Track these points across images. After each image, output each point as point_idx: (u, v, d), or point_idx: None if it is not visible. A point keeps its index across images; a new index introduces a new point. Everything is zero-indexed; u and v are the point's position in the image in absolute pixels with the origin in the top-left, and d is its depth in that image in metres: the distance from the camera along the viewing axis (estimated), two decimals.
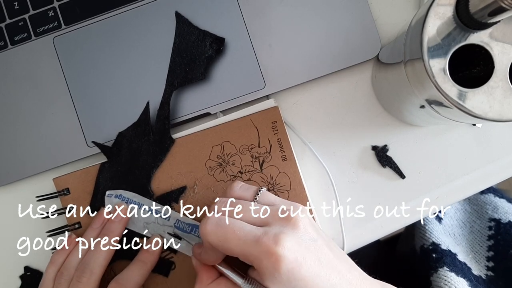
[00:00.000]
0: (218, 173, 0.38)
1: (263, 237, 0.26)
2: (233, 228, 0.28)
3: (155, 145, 0.38)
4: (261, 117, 0.37)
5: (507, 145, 0.38)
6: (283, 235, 0.26)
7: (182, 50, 0.38)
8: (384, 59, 0.35)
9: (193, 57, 0.38)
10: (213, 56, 0.38)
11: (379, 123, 0.39)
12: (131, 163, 0.38)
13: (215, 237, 0.28)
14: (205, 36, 0.38)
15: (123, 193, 0.38)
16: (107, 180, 0.38)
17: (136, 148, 0.38)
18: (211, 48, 0.38)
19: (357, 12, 0.38)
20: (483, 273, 0.45)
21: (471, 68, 0.27)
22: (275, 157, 0.37)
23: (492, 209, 0.48)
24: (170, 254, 0.38)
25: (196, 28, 0.38)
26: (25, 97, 0.40)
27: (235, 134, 0.38)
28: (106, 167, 0.38)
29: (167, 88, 0.38)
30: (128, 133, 0.38)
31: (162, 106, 0.38)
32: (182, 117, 0.38)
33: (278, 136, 0.37)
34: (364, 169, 0.39)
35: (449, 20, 0.24)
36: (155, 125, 0.38)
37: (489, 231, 0.47)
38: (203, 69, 0.37)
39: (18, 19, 0.40)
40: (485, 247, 0.46)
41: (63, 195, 0.38)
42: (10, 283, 0.40)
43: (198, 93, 0.38)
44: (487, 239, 0.47)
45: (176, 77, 0.38)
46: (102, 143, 0.38)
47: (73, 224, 0.38)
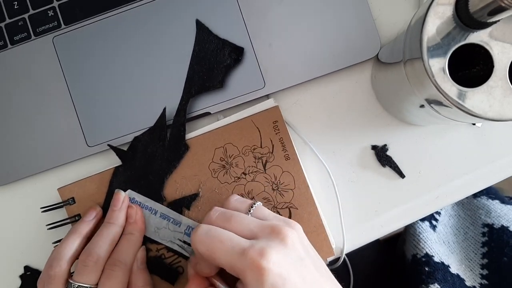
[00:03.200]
0: (222, 175, 0.38)
1: (249, 249, 0.26)
2: (221, 239, 0.27)
3: (170, 151, 0.38)
4: (262, 117, 0.37)
5: (507, 144, 0.38)
6: (270, 248, 0.26)
7: (201, 58, 0.38)
8: (384, 58, 0.35)
9: (212, 66, 0.38)
10: (231, 65, 0.38)
11: (379, 123, 0.39)
12: (145, 168, 0.38)
13: (203, 247, 0.28)
14: (224, 45, 0.38)
15: (136, 196, 0.38)
16: (121, 184, 0.38)
17: (150, 153, 0.38)
18: (230, 57, 0.38)
19: (357, 12, 0.38)
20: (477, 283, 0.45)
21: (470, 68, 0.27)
22: (278, 157, 0.37)
23: (485, 213, 0.48)
24: (178, 259, 0.37)
25: (216, 37, 0.38)
26: (24, 97, 0.40)
27: (237, 136, 0.38)
28: (120, 171, 0.38)
29: (184, 96, 0.38)
30: (144, 137, 0.38)
31: (178, 112, 0.38)
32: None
33: (280, 136, 0.37)
34: (364, 168, 0.39)
35: (449, 19, 0.24)
36: (171, 131, 0.38)
37: (483, 238, 0.47)
38: (221, 77, 0.37)
39: (18, 19, 0.40)
40: (479, 254, 0.46)
41: (68, 205, 0.38)
42: (10, 283, 0.40)
43: None
44: (481, 246, 0.47)
45: (194, 85, 0.38)
46: (116, 146, 0.38)
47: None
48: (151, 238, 0.37)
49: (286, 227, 0.28)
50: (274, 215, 0.32)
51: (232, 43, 0.38)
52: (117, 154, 0.38)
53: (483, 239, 0.47)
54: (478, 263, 0.46)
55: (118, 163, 0.38)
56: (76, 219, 0.38)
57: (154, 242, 0.37)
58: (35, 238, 0.40)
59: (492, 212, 0.47)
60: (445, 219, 0.50)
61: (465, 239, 0.48)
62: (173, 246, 0.37)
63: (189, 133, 0.38)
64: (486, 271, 0.45)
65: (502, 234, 0.45)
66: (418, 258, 0.46)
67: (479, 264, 0.46)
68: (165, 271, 0.37)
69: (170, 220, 0.37)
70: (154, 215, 0.37)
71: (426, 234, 0.48)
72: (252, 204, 0.32)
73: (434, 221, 0.51)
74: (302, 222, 0.36)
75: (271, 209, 0.37)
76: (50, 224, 0.38)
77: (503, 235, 0.45)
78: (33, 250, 0.40)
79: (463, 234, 0.49)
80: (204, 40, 0.38)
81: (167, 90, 0.38)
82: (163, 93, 0.38)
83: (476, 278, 0.45)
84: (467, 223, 0.49)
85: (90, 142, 0.39)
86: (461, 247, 0.48)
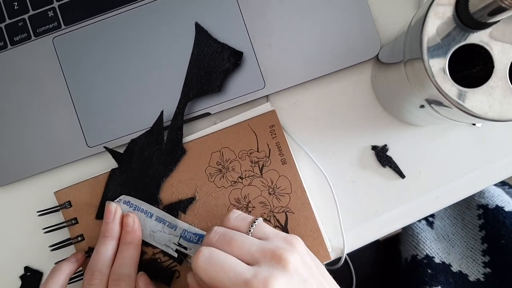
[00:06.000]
0: (218, 179, 0.37)
1: (252, 280, 0.26)
2: (223, 267, 0.28)
3: (167, 154, 0.38)
4: (259, 121, 0.37)
5: (507, 144, 0.38)
6: (273, 279, 0.26)
7: (200, 62, 0.38)
8: (384, 59, 0.35)
9: (210, 69, 0.37)
10: (230, 69, 0.37)
11: (379, 123, 0.39)
12: (141, 171, 0.38)
13: (206, 274, 0.28)
14: (223, 49, 0.38)
15: (131, 199, 0.37)
16: (117, 186, 0.38)
17: (147, 156, 0.38)
18: (229, 61, 0.37)
19: (357, 12, 0.38)
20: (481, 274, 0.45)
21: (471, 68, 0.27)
22: (275, 161, 0.37)
23: (479, 194, 0.48)
24: (173, 263, 0.37)
25: (215, 41, 0.38)
26: (24, 98, 0.40)
27: (234, 140, 0.37)
28: (116, 173, 0.38)
29: (182, 99, 0.38)
30: (141, 140, 0.38)
31: (176, 116, 0.38)
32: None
33: (277, 140, 0.37)
34: (364, 169, 0.39)
35: (449, 20, 0.24)
36: (168, 134, 0.38)
37: (479, 220, 0.47)
38: (219, 81, 0.37)
39: (18, 19, 0.40)
40: (479, 240, 0.46)
41: (65, 208, 0.38)
42: (10, 283, 0.40)
43: None
44: (479, 230, 0.46)
45: (192, 88, 0.38)
46: (112, 149, 0.38)
47: (76, 237, 0.38)
48: (146, 241, 0.37)
49: (287, 252, 0.29)
50: (275, 233, 0.31)
51: (231, 47, 0.38)
52: (113, 157, 0.38)
53: (479, 222, 0.47)
54: (479, 250, 0.46)
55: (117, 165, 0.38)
56: (73, 222, 0.38)
57: (150, 245, 0.37)
58: (36, 238, 0.40)
59: (486, 193, 0.48)
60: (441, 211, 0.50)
61: (464, 226, 0.48)
62: (168, 250, 0.37)
63: (186, 136, 0.38)
64: (488, 257, 0.45)
65: (497, 215, 0.45)
66: (419, 259, 0.46)
67: (480, 250, 0.46)
68: (161, 274, 0.37)
69: (166, 224, 0.37)
70: (150, 218, 0.37)
71: (425, 234, 0.48)
72: (253, 222, 0.32)
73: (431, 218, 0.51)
74: (298, 226, 0.36)
75: (267, 213, 0.37)
76: (46, 228, 0.38)
77: (498, 215, 0.45)
78: (33, 250, 0.40)
79: (460, 222, 0.49)
80: (203, 43, 0.38)
81: (166, 91, 0.38)
82: (162, 94, 0.38)
83: (479, 268, 0.45)
84: (463, 208, 0.49)
85: (90, 142, 0.39)
86: (460, 236, 0.48)
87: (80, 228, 0.38)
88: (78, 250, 0.38)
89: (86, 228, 0.38)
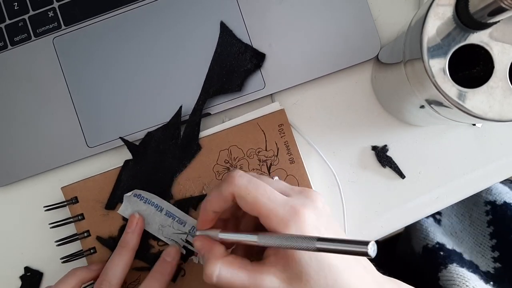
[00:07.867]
0: None
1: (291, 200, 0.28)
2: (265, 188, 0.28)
3: (182, 149, 0.38)
4: (268, 120, 0.37)
5: (507, 145, 0.38)
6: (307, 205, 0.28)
7: (222, 60, 0.38)
8: (384, 59, 0.35)
9: (232, 68, 0.38)
10: (251, 70, 0.38)
11: (379, 123, 0.39)
12: (156, 163, 0.38)
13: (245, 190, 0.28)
14: (246, 49, 0.38)
15: (142, 193, 0.38)
16: (129, 178, 0.38)
17: (162, 150, 0.38)
18: (251, 62, 0.38)
19: (357, 12, 0.38)
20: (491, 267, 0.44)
21: (471, 68, 0.27)
22: (283, 160, 0.37)
23: (486, 191, 0.48)
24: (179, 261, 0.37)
25: (239, 41, 0.38)
26: (25, 98, 0.40)
27: (242, 138, 0.38)
28: (130, 165, 0.38)
29: (201, 95, 0.38)
30: (157, 134, 0.38)
31: (194, 112, 0.38)
32: (183, 116, 0.38)
33: (285, 139, 0.37)
34: (364, 169, 0.39)
35: (449, 20, 0.24)
36: (185, 129, 0.38)
37: (487, 216, 0.47)
38: (240, 81, 0.37)
39: (18, 20, 0.40)
40: (487, 235, 0.46)
41: (72, 204, 0.38)
42: (10, 283, 0.40)
43: None
44: (487, 226, 0.46)
45: (212, 86, 0.38)
46: (128, 140, 0.38)
47: (82, 233, 0.38)
48: (154, 235, 0.37)
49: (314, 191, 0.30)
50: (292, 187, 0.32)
51: (254, 48, 0.38)
52: (128, 148, 0.38)
53: (487, 218, 0.47)
54: (488, 246, 0.46)
55: (119, 164, 0.38)
56: (79, 218, 0.38)
57: (156, 239, 0.37)
58: (36, 239, 0.40)
59: (493, 190, 0.47)
60: (448, 209, 0.50)
61: (471, 223, 0.48)
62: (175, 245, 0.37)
63: None
64: (497, 252, 0.45)
65: (506, 210, 0.45)
66: (429, 247, 0.46)
67: (489, 246, 0.45)
68: None
69: (175, 219, 0.37)
70: (160, 212, 0.37)
71: (433, 228, 0.48)
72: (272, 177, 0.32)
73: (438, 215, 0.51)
74: None
75: None
76: (53, 223, 0.38)
77: (506, 211, 0.45)
78: (33, 251, 0.40)
79: (468, 218, 0.49)
80: (227, 42, 0.38)
81: (165, 92, 0.38)
82: (161, 95, 0.38)
83: (489, 263, 0.45)
84: (470, 204, 0.49)
85: (90, 142, 0.39)
86: (469, 233, 0.48)
87: (86, 223, 0.38)
88: (84, 248, 0.38)
89: (93, 224, 0.38)
